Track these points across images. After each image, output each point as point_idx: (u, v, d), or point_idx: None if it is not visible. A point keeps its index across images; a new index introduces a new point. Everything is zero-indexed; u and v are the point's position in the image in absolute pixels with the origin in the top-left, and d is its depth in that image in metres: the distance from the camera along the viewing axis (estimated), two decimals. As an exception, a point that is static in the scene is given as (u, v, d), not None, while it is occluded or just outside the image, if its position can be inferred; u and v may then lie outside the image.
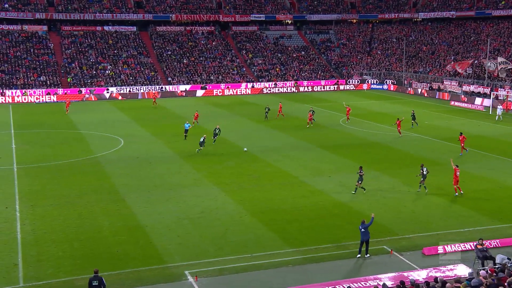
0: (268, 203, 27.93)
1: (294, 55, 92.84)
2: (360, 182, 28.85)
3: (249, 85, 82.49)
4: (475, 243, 20.49)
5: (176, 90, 79.01)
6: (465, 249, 21.55)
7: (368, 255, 21.32)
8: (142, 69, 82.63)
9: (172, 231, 24.17)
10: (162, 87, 78.75)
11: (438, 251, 21.41)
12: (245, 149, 39.88)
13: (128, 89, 76.86)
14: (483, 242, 20.27)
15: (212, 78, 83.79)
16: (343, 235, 23.50)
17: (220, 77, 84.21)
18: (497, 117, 53.55)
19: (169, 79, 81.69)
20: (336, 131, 47.94)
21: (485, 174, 32.78)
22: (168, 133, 47.56)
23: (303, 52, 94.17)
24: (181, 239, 23.35)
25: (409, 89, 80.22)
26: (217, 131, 42.10)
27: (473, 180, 31.54)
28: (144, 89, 77.37)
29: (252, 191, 30.05)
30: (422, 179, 29.36)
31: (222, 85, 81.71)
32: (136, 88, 77.44)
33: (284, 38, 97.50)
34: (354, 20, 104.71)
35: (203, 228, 24.57)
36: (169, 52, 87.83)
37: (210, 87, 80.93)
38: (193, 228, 24.57)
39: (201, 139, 39.07)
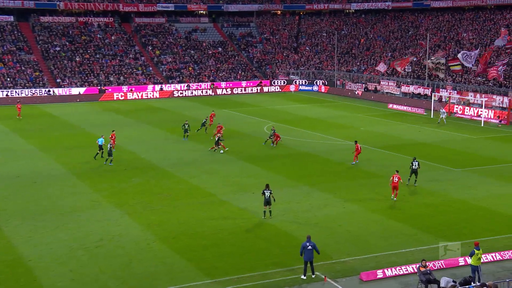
0: (182, 226, 27.70)
1: (210, 52, 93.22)
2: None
3: (157, 87, 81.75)
4: (417, 265, 21.39)
5: (68, 93, 76.69)
6: (407, 272, 22.43)
7: (314, 275, 22.02)
8: (23, 68, 79.52)
9: (63, 265, 23.34)
10: (49, 90, 76.14)
11: (377, 276, 22.15)
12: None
13: (5, 93, 73.64)
14: (427, 263, 21.20)
15: (111, 79, 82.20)
16: (271, 261, 23.72)
17: (121, 78, 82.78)
18: (439, 119, 56.52)
19: (58, 80, 79.17)
20: (261, 140, 48.45)
21: (428, 187, 34.42)
22: (59, 146, 46.13)
23: (220, 49, 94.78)
24: (74, 274, 22.60)
25: (342, 90, 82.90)
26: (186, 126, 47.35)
27: (414, 194, 33.00)
28: (27, 93, 74.47)
29: (162, 212, 29.70)
30: (411, 172, 33.92)
31: (125, 88, 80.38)
32: (16, 91, 74.35)
33: (198, 32, 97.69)
34: (278, 11, 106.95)
35: (102, 259, 23.94)
36: (58, 48, 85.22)
37: (110, 90, 79.38)
38: (90, 259, 23.87)
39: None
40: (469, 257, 21.62)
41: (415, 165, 34.18)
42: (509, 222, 27.94)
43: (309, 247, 21.87)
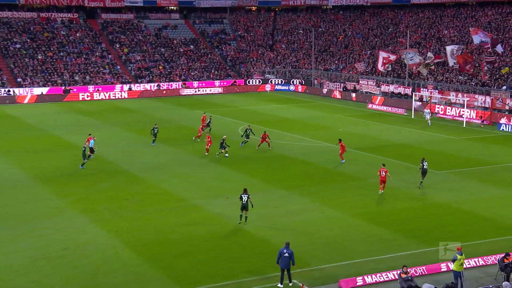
0: (152, 233, 27.53)
1: (181, 50, 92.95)
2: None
3: (126, 87, 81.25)
4: (398, 272, 21.56)
5: (29, 94, 75.73)
6: (387, 279, 22.58)
7: (291, 283, 22.02)
8: (-19, 66, 78.38)
9: (24, 276, 23.01)
10: (9, 90, 75.08)
11: (357, 283, 22.26)
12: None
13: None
14: (408, 270, 21.38)
15: (77, 78, 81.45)
16: (246, 269, 23.69)
17: (87, 77, 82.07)
18: (429, 122, 56.73)
19: (19, 80, 78.15)
20: (235, 143, 48.42)
21: (409, 190, 34.75)
22: (21, 150, 45.61)
23: (192, 46, 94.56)
24: (37, 285, 22.29)
25: (320, 90, 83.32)
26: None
27: (395, 197, 33.29)
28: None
29: (132, 219, 29.50)
30: (422, 172, 34.81)
31: (91, 88, 79.74)
32: (-27, 91, 73.28)
33: (168, 29, 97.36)
34: (253, 7, 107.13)
35: (66, 269, 23.66)
36: (18, 45, 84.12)
37: (75, 90, 78.66)
38: (53, 270, 23.57)
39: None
40: (452, 263, 21.86)
41: (426, 165, 35.24)
42: (492, 226, 28.33)
43: (286, 254, 21.89)
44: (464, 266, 21.98)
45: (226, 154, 42.92)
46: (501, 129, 54.68)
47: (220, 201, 32.38)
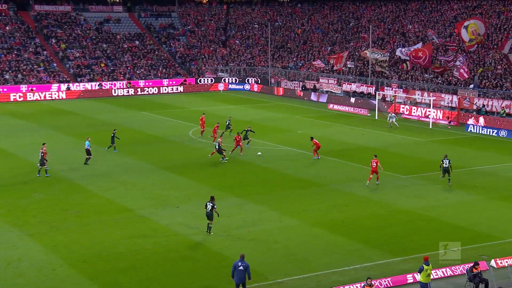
0: (94, 247, 27.22)
1: (125, 46, 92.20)
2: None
3: (63, 86, 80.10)
4: (362, 284, 21.83)
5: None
6: (351, 291, 22.88)
7: None
8: None
9: (-49, 299, 22.44)
10: None
11: (320, 296, 22.45)
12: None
13: None
14: (372, 282, 21.66)
15: (7, 77, 79.90)
16: (198, 285, 23.64)
17: (19, 76, 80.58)
18: (390, 124, 57.19)
19: None
20: (185, 147, 48.25)
21: (373, 196, 35.25)
22: None
23: (137, 42, 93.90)
24: (-35, 309, 21.77)
25: (277, 89, 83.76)
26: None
27: (358, 204, 33.72)
28: None
29: (71, 232, 29.11)
30: (442, 172, 36.89)
31: (23, 87, 78.34)
32: None
33: (111, 23, 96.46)
34: (204, 0, 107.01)
35: (-2, 290, 23.19)
36: None
37: (6, 90, 77.14)
38: (-16, 291, 23.07)
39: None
40: (418, 274, 22.25)
41: (446, 164, 36.84)
42: (460, 233, 28.94)
43: (241, 267, 21.90)
44: (432, 277, 22.41)
45: (223, 160, 42.88)
46: (468, 130, 55.98)
47: (169, 211, 32.22)
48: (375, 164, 36.61)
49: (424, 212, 32.13)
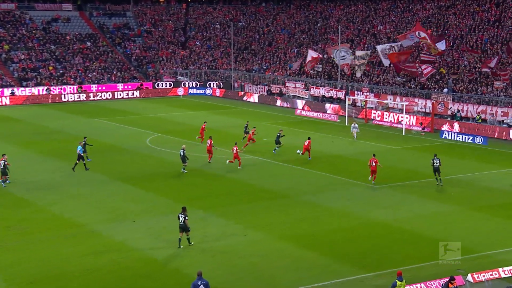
0: (42, 266, 26.85)
1: (76, 47, 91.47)
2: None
3: (7, 91, 79.10)
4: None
5: None
6: (321, 309, 22.98)
7: None
8: None
9: None
10: None
11: (287, 316, 22.46)
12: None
13: None
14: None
15: None
16: (157, 306, 23.49)
17: (-40, 79, 79.30)
18: (354, 136, 56.21)
19: None
20: (143, 156, 47.97)
21: (343, 208, 35.43)
22: None
23: (88, 43, 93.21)
24: None
25: (241, 93, 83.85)
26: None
27: (328, 217, 33.86)
28: None
29: (15, 250, 28.68)
30: (434, 170, 38.67)
31: (-35, 92, 77.13)
32: None
33: (59, 22, 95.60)
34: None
35: None
36: None
37: None
38: None
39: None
40: (392, 289, 22.42)
41: (437, 163, 38.86)
42: (435, 247, 29.08)
43: (201, 286, 21.73)
44: (406, 292, 22.59)
45: (184, 170, 42.68)
46: (443, 137, 56.73)
47: (125, 226, 31.97)
48: (374, 164, 39.05)
49: (398, 224, 32.41)
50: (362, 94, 70.06)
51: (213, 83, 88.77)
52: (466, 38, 71.44)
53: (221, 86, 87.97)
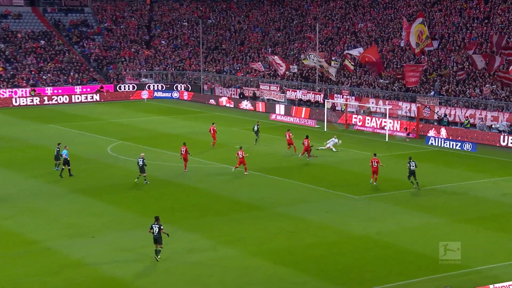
0: (-7, 288, 26.55)
1: (28, 46, 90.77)
2: None
3: (-47, 94, 78.17)
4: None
5: None
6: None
7: None
8: None
9: None
10: None
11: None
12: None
13: None
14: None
15: None
16: (119, 329, 23.32)
17: None
18: (333, 147, 55.49)
19: None
20: (104, 166, 47.71)
21: (322, 220, 35.48)
22: None
23: (42, 42, 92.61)
24: None
25: (211, 97, 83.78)
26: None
27: (306, 230, 33.86)
28: None
29: (-36, 270, 28.32)
30: (408, 174, 40.40)
31: None
32: None
33: (10, 19, 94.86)
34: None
35: None
36: None
37: None
38: None
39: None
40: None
41: (413, 166, 40.52)
42: (422, 262, 29.38)
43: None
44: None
45: (146, 181, 42.48)
46: (429, 143, 57.10)
47: (84, 242, 31.74)
48: (376, 164, 41.29)
49: (381, 237, 32.55)
50: (342, 97, 70.38)
51: (181, 86, 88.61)
52: (453, 37, 72.10)
53: (189, 89, 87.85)
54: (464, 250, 30.67)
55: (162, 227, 28.89)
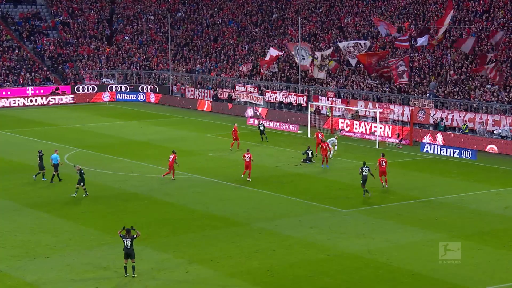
0: None
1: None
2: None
3: None
4: None
5: None
6: None
7: None
8: None
9: None
10: None
11: None
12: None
13: None
14: None
15: None
16: None
17: None
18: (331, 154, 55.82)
19: None
20: (64, 177, 47.61)
21: (306, 237, 35.59)
22: None
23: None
24: None
25: (181, 99, 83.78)
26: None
27: (288, 248, 33.95)
28: None
29: None
30: (361, 181, 41.81)
31: None
32: None
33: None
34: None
35: None
36: None
37: None
38: None
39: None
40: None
41: (366, 171, 42.42)
42: (417, 283, 29.55)
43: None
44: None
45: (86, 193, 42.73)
46: (424, 150, 57.34)
47: (38, 263, 31.59)
48: (384, 164, 43.81)
49: (371, 256, 32.71)
50: (328, 100, 70.57)
51: (147, 87, 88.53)
52: (450, 32, 72.59)
53: (157, 91, 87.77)
54: (462, 269, 31.01)
55: (134, 239, 29.23)
